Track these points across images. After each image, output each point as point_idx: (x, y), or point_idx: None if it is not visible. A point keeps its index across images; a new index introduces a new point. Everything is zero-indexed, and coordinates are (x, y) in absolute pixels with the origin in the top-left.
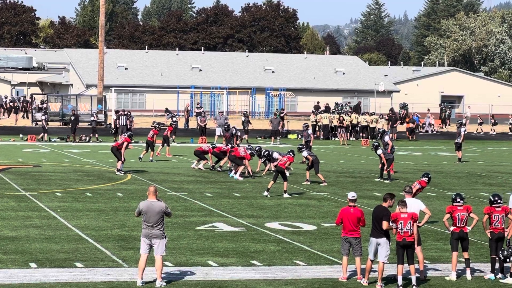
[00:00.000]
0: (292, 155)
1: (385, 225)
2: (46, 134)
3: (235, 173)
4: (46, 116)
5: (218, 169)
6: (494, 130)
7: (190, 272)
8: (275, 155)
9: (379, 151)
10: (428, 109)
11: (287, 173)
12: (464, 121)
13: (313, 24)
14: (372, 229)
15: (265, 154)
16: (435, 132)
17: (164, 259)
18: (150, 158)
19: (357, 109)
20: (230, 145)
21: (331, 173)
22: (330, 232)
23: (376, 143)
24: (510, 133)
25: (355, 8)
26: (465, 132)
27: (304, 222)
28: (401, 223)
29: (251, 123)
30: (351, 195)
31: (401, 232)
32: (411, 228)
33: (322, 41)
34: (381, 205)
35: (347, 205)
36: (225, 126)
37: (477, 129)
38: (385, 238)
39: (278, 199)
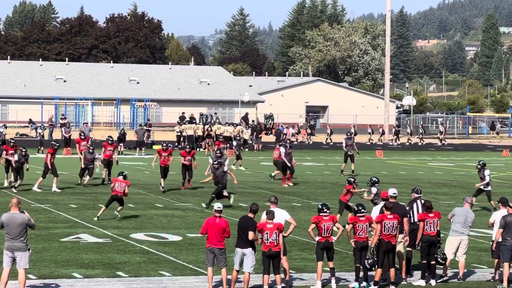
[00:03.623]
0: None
1: (251, 235)
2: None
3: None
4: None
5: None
6: (331, 140)
7: (55, 284)
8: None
9: (282, 150)
10: (294, 126)
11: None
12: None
13: (178, 34)
14: (237, 239)
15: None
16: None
17: (27, 272)
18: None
19: (245, 120)
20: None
21: (194, 184)
22: (196, 243)
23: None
24: (368, 143)
25: (220, 19)
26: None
27: (170, 232)
28: (267, 233)
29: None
30: (217, 206)
31: (267, 242)
32: (277, 238)
33: (187, 52)
34: (247, 216)
35: (213, 215)
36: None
37: (369, 139)
38: (251, 248)
39: (143, 210)
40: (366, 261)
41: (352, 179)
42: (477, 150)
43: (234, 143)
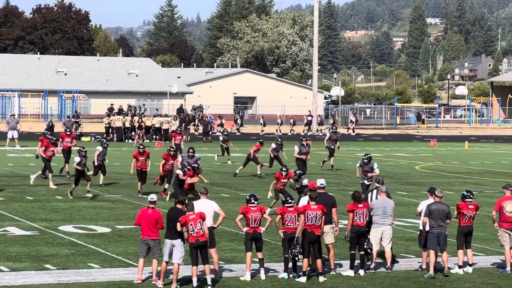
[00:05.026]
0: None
1: (179, 226)
2: None
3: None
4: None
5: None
6: (263, 130)
7: None
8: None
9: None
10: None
11: None
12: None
13: (106, 26)
14: (167, 230)
15: None
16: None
17: None
18: None
19: (180, 111)
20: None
21: (124, 175)
22: (125, 234)
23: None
24: (309, 133)
25: (148, 10)
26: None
27: (99, 224)
28: (191, 224)
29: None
30: (151, 197)
31: (193, 233)
32: (202, 227)
33: (115, 44)
34: (176, 207)
35: (146, 206)
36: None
37: (277, 129)
38: (180, 239)
39: (72, 202)
40: (290, 251)
41: (284, 169)
42: (405, 140)
43: (221, 138)
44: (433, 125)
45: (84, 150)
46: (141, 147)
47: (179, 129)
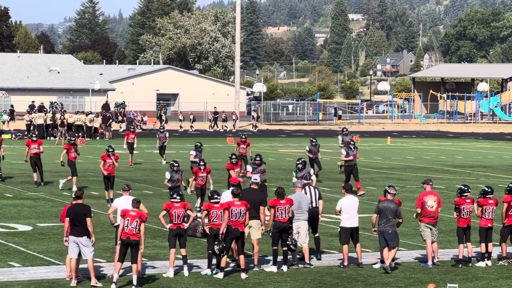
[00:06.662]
0: None
1: (89, 221)
2: None
3: None
4: None
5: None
6: (182, 127)
7: None
8: None
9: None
10: (144, 114)
11: None
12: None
13: (26, 22)
14: (72, 228)
15: None
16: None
17: None
18: None
19: (106, 108)
20: None
21: (47, 172)
22: (46, 232)
23: None
24: (208, 130)
25: (69, 6)
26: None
27: (20, 222)
28: (128, 219)
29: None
30: (75, 191)
31: (126, 229)
32: (137, 226)
33: (35, 40)
34: (79, 203)
35: (70, 202)
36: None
37: (191, 126)
38: (86, 236)
39: None
40: (215, 246)
41: (202, 163)
42: (327, 136)
43: (157, 134)
44: (355, 121)
45: (177, 164)
46: (110, 149)
47: (131, 127)
